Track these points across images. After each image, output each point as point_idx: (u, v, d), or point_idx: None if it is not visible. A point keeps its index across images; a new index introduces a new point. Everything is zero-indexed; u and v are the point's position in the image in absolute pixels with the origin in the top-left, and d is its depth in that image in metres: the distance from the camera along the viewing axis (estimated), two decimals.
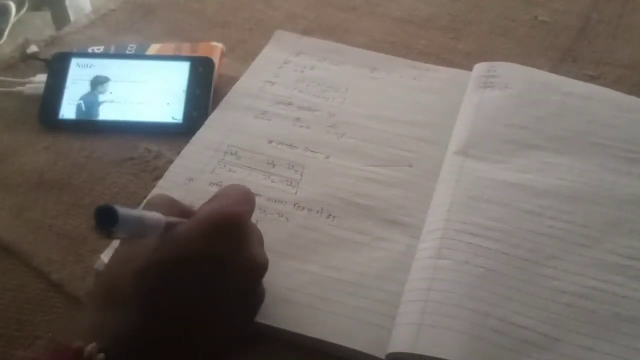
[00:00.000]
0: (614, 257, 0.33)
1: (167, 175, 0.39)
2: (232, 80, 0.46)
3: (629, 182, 0.38)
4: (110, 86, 0.44)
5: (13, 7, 1.12)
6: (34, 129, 0.43)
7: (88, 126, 0.43)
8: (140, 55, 0.47)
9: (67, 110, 0.43)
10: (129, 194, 0.39)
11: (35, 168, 0.40)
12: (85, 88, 0.44)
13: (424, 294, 0.31)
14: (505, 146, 0.40)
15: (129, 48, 0.48)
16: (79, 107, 0.43)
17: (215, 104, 0.44)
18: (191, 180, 0.39)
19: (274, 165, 0.40)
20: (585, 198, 0.36)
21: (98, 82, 0.44)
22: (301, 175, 0.39)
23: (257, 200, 0.37)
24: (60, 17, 1.13)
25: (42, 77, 0.45)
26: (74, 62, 0.45)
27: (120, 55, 0.47)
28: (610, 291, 0.32)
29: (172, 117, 0.43)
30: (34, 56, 0.48)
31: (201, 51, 0.47)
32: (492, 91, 0.43)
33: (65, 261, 0.35)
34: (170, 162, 0.40)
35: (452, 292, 0.31)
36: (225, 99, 0.45)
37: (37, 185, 0.39)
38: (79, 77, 0.44)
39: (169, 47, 0.48)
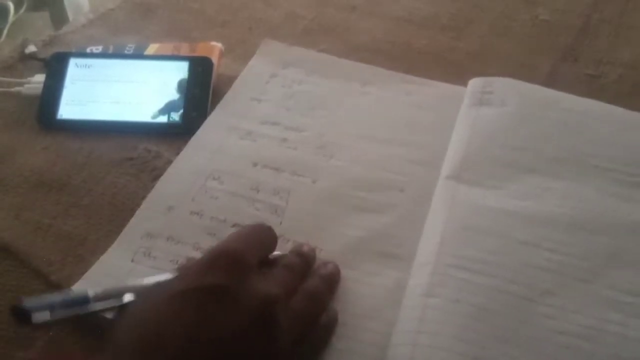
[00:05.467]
0: (615, 293, 0.32)
1: (146, 203, 0.37)
2: (231, 80, 0.46)
3: (631, 209, 0.35)
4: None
5: (11, 7, 1.11)
6: (33, 130, 0.43)
7: (86, 126, 0.43)
8: (138, 55, 0.47)
9: (66, 110, 0.43)
10: (128, 194, 0.39)
11: (34, 168, 0.40)
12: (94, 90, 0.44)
13: (412, 336, 0.30)
14: (501, 170, 0.38)
15: (127, 48, 0.47)
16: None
17: (214, 104, 0.44)
18: (171, 209, 0.37)
19: (258, 191, 0.38)
20: (585, 227, 0.35)
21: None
22: (287, 202, 0.37)
23: None
24: (59, 17, 1.13)
25: (40, 77, 0.45)
26: (73, 62, 0.45)
27: (119, 55, 0.47)
28: (610, 331, 0.30)
29: (171, 118, 0.43)
30: (32, 56, 0.48)
31: (200, 51, 0.46)
32: (488, 109, 0.41)
33: (65, 262, 0.35)
34: (169, 162, 0.40)
35: (442, 334, 0.29)
36: (210, 117, 0.43)
37: (36, 186, 0.39)
38: (77, 77, 0.44)
39: (168, 47, 0.48)
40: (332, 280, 0.33)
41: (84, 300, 0.27)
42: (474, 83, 0.44)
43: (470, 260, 0.33)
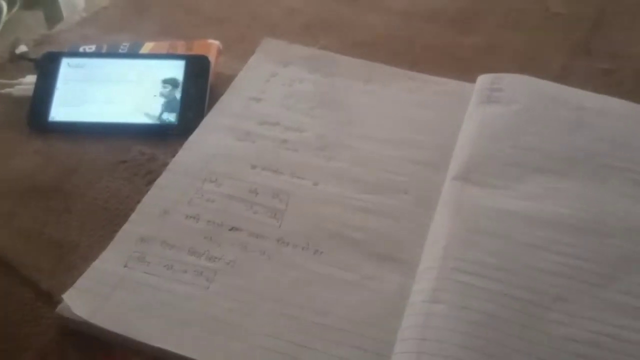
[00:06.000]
0: (628, 299, 0.31)
1: (141, 207, 0.36)
2: (230, 79, 0.45)
3: None
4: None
5: (4, 5, 1.11)
6: (24, 132, 0.42)
7: (79, 129, 0.42)
8: (133, 54, 0.46)
9: (58, 112, 0.42)
10: (122, 199, 0.38)
11: (24, 173, 0.40)
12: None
13: (416, 344, 0.29)
14: (510, 170, 0.37)
15: (121, 47, 0.47)
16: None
17: (211, 104, 0.43)
18: (166, 213, 0.36)
19: (257, 194, 0.37)
20: (596, 229, 0.34)
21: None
22: (286, 205, 0.36)
23: (238, 235, 0.35)
24: (53, 16, 1.12)
25: (31, 78, 0.44)
26: (65, 62, 0.44)
27: (113, 54, 0.46)
28: (623, 338, 0.29)
29: (167, 118, 0.42)
30: (23, 56, 0.47)
31: (197, 49, 0.46)
32: (497, 107, 0.41)
33: (55, 270, 0.34)
34: (165, 164, 0.39)
35: (447, 342, 0.28)
36: (207, 118, 0.42)
37: (27, 191, 0.39)
38: (69, 77, 0.43)
39: (163, 46, 0.47)
40: None
41: None
42: (483, 79, 0.43)
43: (477, 264, 0.32)
